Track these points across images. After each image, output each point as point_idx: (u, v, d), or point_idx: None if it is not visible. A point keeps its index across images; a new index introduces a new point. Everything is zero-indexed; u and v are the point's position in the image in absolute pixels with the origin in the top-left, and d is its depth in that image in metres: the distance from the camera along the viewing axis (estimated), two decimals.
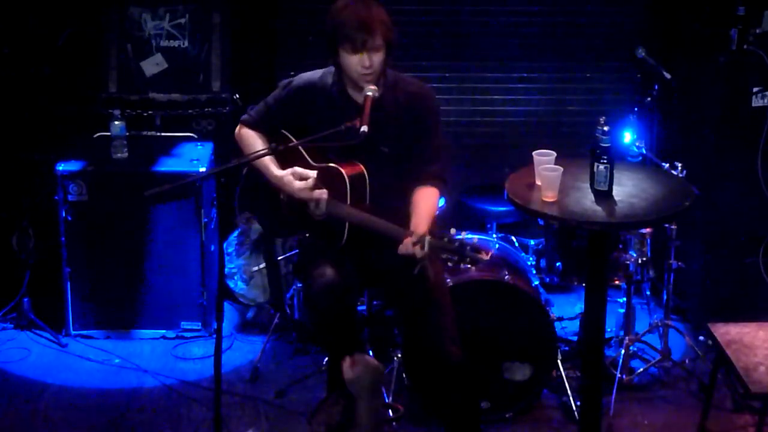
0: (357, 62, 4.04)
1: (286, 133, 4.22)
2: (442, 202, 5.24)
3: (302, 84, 4.25)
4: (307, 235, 4.39)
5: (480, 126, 6.04)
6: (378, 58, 4.05)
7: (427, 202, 4.06)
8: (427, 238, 3.79)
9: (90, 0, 5.73)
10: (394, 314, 4.88)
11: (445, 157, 4.24)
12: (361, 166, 4.13)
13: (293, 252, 5.48)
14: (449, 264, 3.82)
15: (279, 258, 5.52)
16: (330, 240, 4.18)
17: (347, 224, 4.11)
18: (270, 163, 4.20)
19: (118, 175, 5.39)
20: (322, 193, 4.11)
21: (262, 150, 4.04)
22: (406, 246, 3.84)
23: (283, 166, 4.21)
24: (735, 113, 5.25)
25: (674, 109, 5.71)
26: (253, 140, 4.28)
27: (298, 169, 4.13)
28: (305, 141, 4.06)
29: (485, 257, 3.73)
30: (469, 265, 3.75)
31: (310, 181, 4.10)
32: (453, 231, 3.80)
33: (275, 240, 5.41)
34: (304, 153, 4.22)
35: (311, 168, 4.18)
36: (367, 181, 4.13)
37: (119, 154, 5.44)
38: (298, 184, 4.12)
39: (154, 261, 5.44)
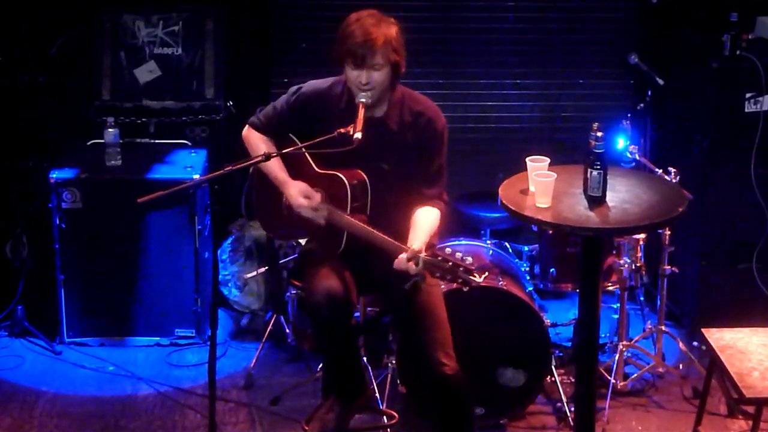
0: (356, 77, 4.06)
1: (293, 137, 4.23)
2: None
3: (311, 92, 4.25)
4: (306, 239, 4.42)
5: (473, 132, 6.04)
6: (379, 76, 4.05)
7: (425, 220, 4.08)
8: (422, 255, 3.85)
9: (83, 7, 5.73)
10: (390, 321, 4.88)
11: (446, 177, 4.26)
12: (363, 175, 4.15)
13: (290, 257, 5.48)
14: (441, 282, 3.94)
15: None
16: (328, 246, 4.19)
17: (345, 232, 4.12)
18: (276, 166, 4.22)
19: (111, 182, 5.39)
20: (320, 217, 4.14)
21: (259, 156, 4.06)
22: (401, 262, 3.89)
23: (288, 170, 4.24)
24: (728, 119, 5.26)
25: (667, 115, 5.72)
26: (258, 144, 4.28)
27: (305, 187, 4.16)
28: (297, 148, 4.07)
29: (477, 279, 3.80)
30: (462, 286, 3.82)
31: (313, 202, 4.14)
32: (448, 250, 3.83)
33: (275, 244, 5.41)
34: (309, 159, 4.23)
35: (315, 174, 4.21)
36: (369, 190, 4.14)
37: (113, 162, 5.44)
38: (301, 200, 4.15)
39: (148, 268, 5.43)
